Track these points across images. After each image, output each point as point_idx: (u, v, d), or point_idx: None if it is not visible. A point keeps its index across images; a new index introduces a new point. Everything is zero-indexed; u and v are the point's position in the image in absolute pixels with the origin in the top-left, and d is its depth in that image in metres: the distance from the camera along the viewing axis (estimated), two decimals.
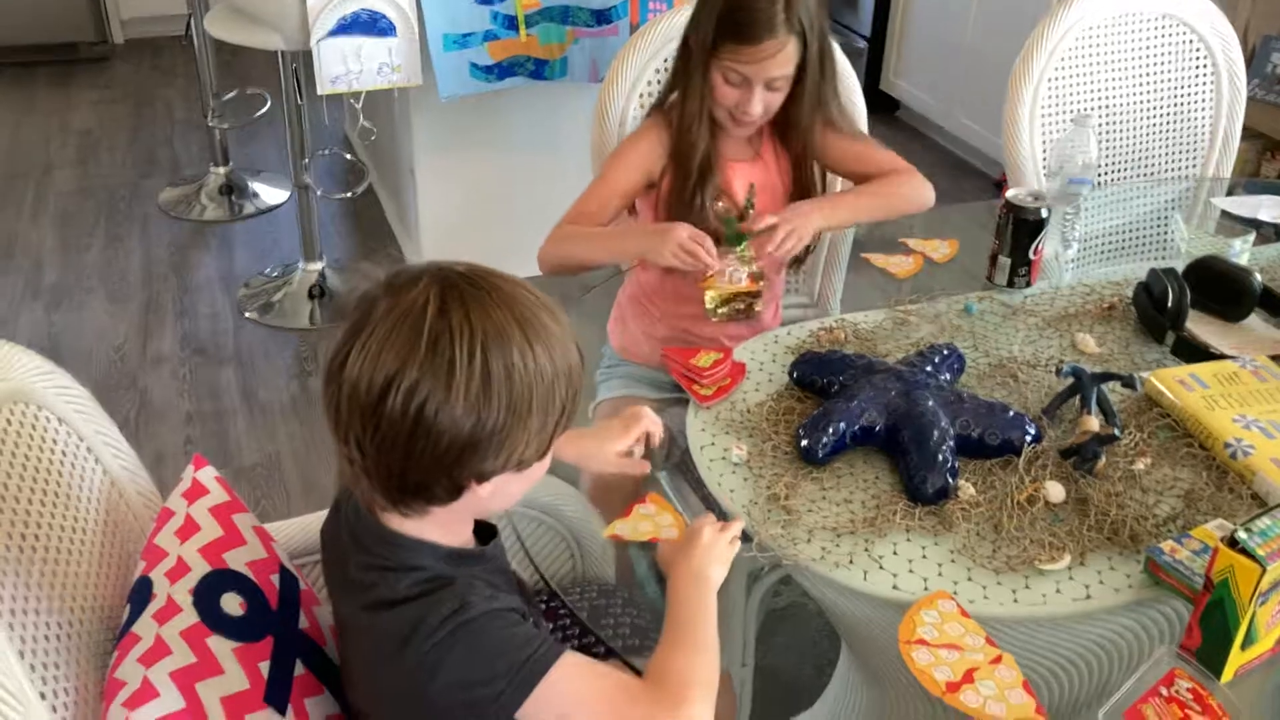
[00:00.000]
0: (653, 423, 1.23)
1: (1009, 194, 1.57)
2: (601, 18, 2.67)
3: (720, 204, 1.61)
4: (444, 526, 0.96)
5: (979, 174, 4.01)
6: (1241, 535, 0.96)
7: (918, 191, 1.67)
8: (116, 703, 0.94)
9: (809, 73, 1.58)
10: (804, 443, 1.25)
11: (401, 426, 0.86)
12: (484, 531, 1.05)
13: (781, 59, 1.52)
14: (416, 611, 0.91)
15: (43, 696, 0.89)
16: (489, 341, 0.86)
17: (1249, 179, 3.45)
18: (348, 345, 0.87)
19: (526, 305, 0.89)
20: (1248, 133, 3.41)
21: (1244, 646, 1.00)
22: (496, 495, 0.95)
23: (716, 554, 1.05)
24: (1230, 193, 2.17)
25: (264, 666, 1.02)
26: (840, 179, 1.83)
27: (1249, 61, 3.38)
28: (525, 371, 0.87)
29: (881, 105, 4.47)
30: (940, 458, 1.21)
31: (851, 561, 1.14)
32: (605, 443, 1.22)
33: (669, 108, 1.65)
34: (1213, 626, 1.00)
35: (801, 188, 1.68)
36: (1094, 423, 1.27)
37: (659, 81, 1.84)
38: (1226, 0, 3.47)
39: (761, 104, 1.56)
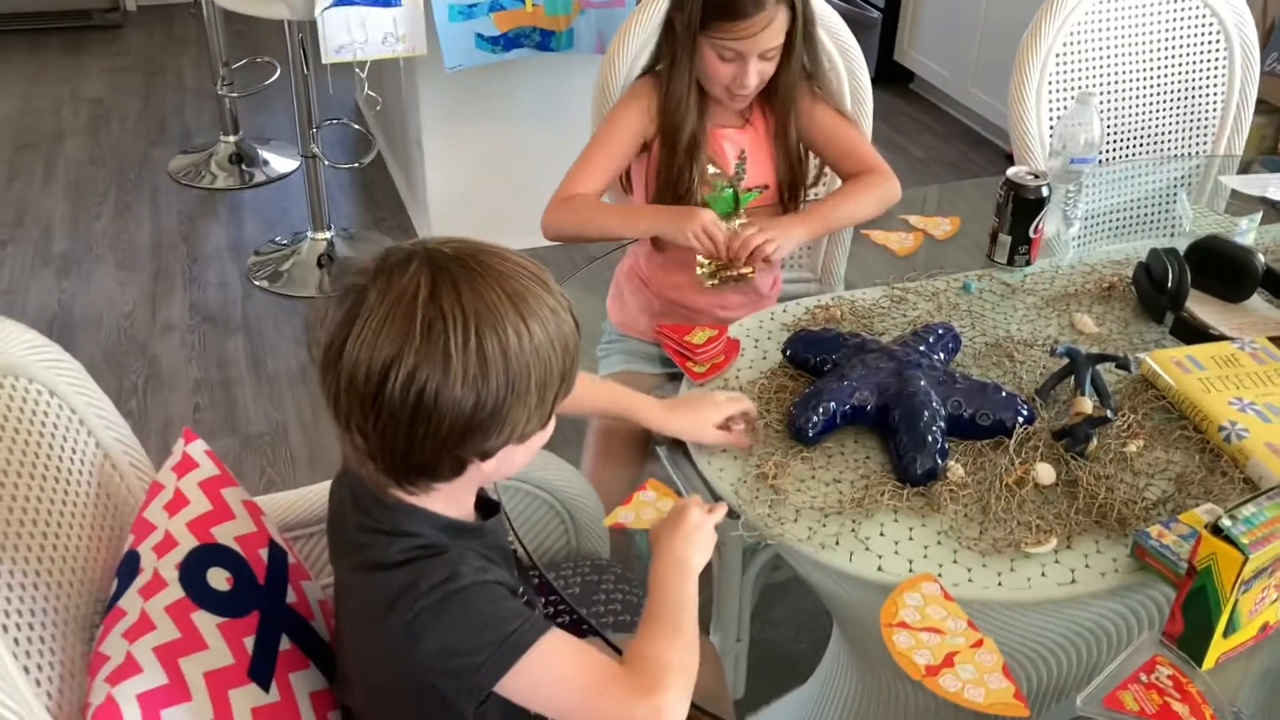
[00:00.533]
0: (749, 405, 1.26)
1: (1009, 172, 1.56)
2: None
3: (711, 170, 1.61)
4: (447, 498, 0.97)
5: (991, 145, 3.97)
6: (1225, 522, 0.95)
7: (887, 192, 1.68)
8: (100, 677, 0.95)
9: (795, 40, 1.58)
10: (794, 422, 1.25)
11: (402, 412, 0.86)
12: (485, 506, 1.06)
13: (773, 30, 1.52)
14: (407, 576, 0.91)
15: (26, 671, 0.90)
16: (482, 322, 0.86)
17: (1267, 155, 3.40)
18: (343, 334, 0.87)
19: (517, 280, 0.89)
20: (1266, 108, 3.37)
21: (1226, 634, 0.99)
22: (501, 467, 0.95)
23: (701, 538, 1.05)
24: (1247, 170, 2.14)
25: (249, 642, 1.03)
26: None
27: (1267, 36, 3.34)
28: (521, 349, 0.87)
29: (895, 77, 4.44)
30: (930, 439, 1.20)
31: (838, 543, 1.14)
32: (702, 413, 1.26)
33: (658, 74, 1.64)
34: (1195, 613, 0.99)
35: (786, 154, 1.67)
36: (1087, 404, 1.27)
37: None
38: None
39: (757, 76, 1.56)
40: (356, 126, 3.67)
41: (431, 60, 2.72)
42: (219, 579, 1.06)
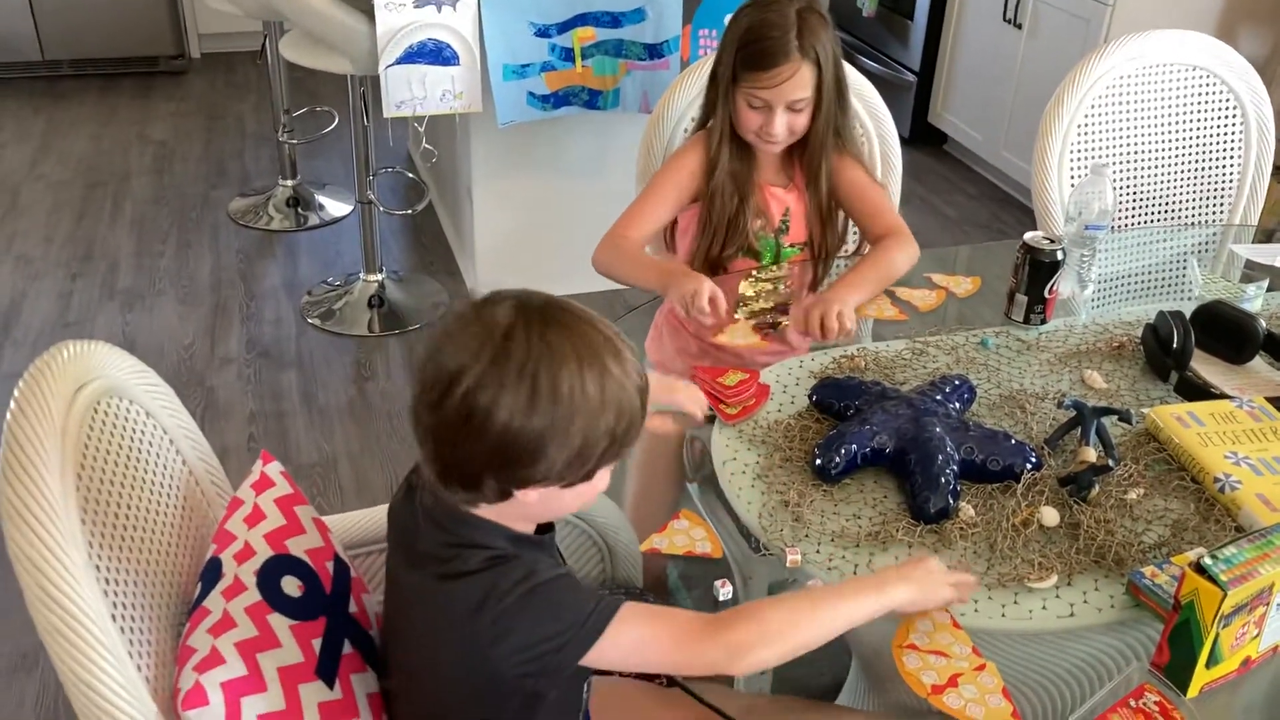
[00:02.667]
0: (692, 399, 1.37)
1: (1026, 236, 1.66)
2: (654, 52, 2.80)
3: (758, 223, 1.74)
4: (507, 517, 1.07)
5: (1021, 206, 4.08)
6: (1207, 561, 1.05)
7: (908, 256, 1.78)
8: (188, 666, 1.06)
9: (825, 95, 1.70)
10: (818, 461, 1.36)
11: (456, 422, 0.98)
12: (539, 526, 1.15)
13: (797, 82, 1.66)
14: (489, 580, 1.02)
15: (130, 655, 1.01)
16: (543, 360, 0.97)
17: None
18: (432, 345, 1.01)
19: (589, 341, 1.00)
20: None
21: (1209, 665, 1.08)
22: (545, 505, 1.05)
23: (928, 580, 1.12)
24: (1270, 237, 2.24)
25: (316, 643, 1.14)
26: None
27: None
28: (571, 394, 0.97)
29: (929, 138, 4.56)
30: (943, 480, 1.30)
31: (855, 571, 1.24)
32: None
33: (710, 128, 1.79)
34: (1180, 645, 1.08)
35: (818, 209, 1.80)
36: (1092, 453, 1.36)
37: None
38: (1269, 46, 3.52)
39: (784, 126, 1.70)
40: (410, 175, 3.84)
41: (484, 115, 2.87)
42: (292, 586, 1.17)
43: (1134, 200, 2.28)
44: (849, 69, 1.92)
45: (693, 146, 1.81)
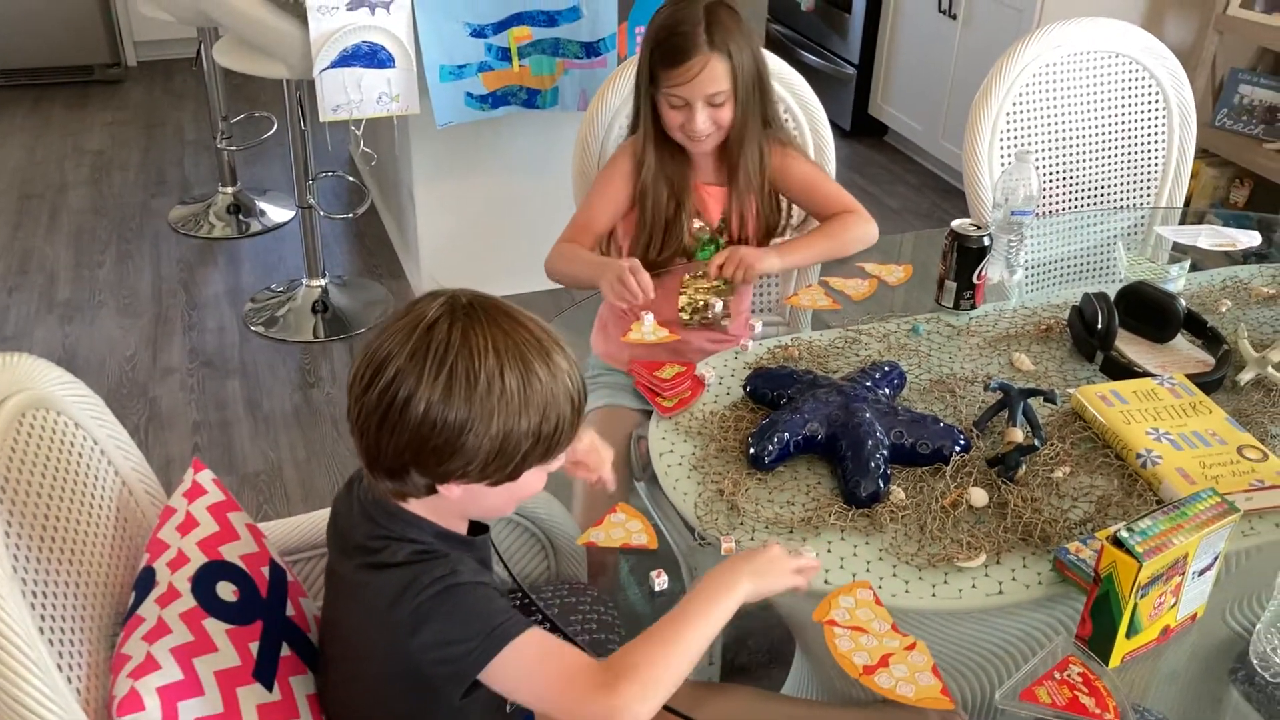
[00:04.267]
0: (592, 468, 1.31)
1: (954, 223, 1.69)
2: (590, 50, 2.81)
3: (697, 224, 1.76)
4: (436, 514, 1.09)
5: (962, 195, 4.12)
6: (1123, 534, 1.08)
7: (865, 232, 1.81)
8: (123, 674, 1.06)
9: (741, 86, 1.71)
10: (751, 450, 1.37)
11: (377, 412, 1.00)
12: (473, 527, 1.17)
13: (709, 75, 1.67)
14: (411, 573, 1.04)
15: (59, 668, 1.01)
16: (459, 357, 0.98)
17: (1218, 205, 3.57)
18: (369, 339, 1.03)
19: (515, 339, 1.01)
20: (1217, 160, 3.55)
21: (1129, 635, 1.11)
22: (471, 501, 1.07)
23: (769, 569, 1.11)
24: (1201, 219, 2.29)
25: (253, 646, 1.14)
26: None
27: (1217, 93, 3.52)
28: (489, 391, 0.99)
29: (870, 130, 4.62)
30: (873, 465, 1.33)
31: None
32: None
33: (636, 141, 1.80)
34: (1101, 617, 1.11)
35: (750, 198, 1.81)
36: (1018, 434, 1.39)
37: None
38: (1195, 33, 3.61)
39: (706, 121, 1.70)
40: (350, 178, 3.82)
41: (423, 117, 2.87)
42: (226, 591, 1.17)
43: (1064, 185, 2.32)
44: (774, 58, 1.95)
45: (623, 153, 1.82)
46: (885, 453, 1.35)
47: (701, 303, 1.70)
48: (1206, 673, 1.21)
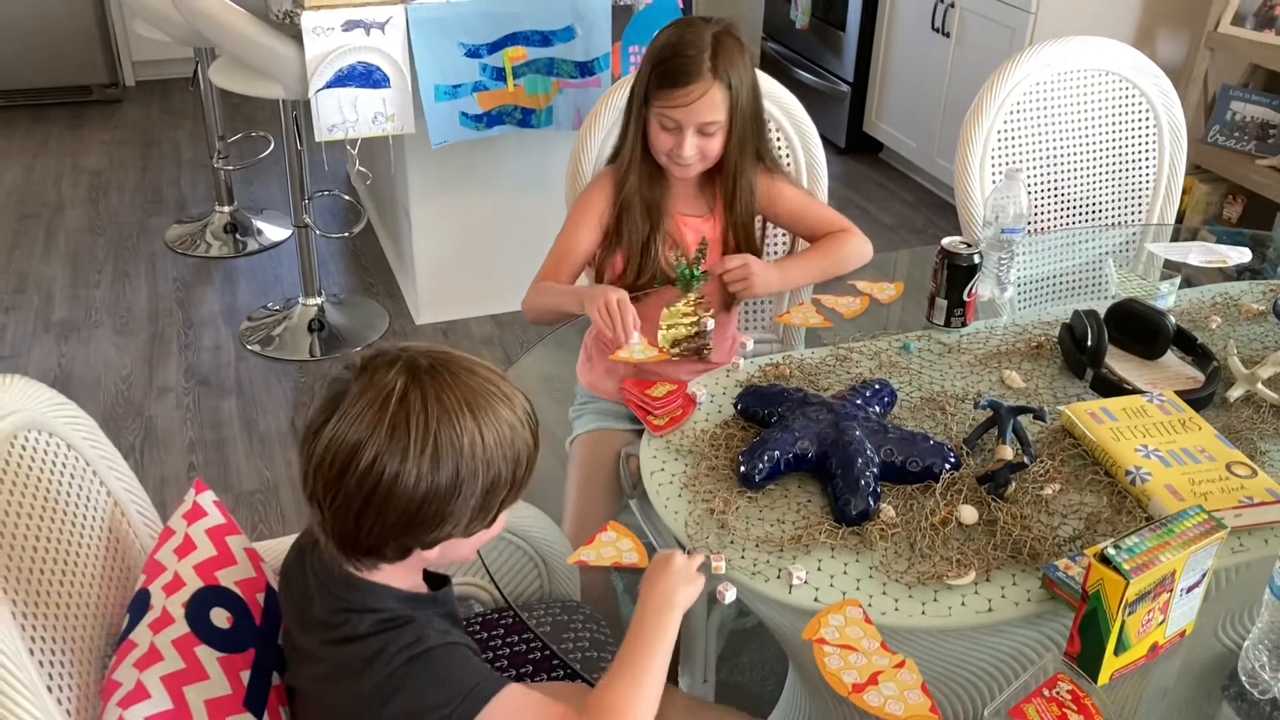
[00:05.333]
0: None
1: (944, 241, 1.70)
2: (585, 69, 2.83)
3: (674, 253, 1.75)
4: (399, 576, 1.08)
5: (956, 212, 4.15)
6: (1110, 551, 1.08)
7: (859, 249, 1.81)
8: (112, 702, 1.06)
9: (737, 120, 1.70)
10: (742, 468, 1.38)
11: (358, 496, 0.98)
12: (432, 579, 1.17)
13: (708, 103, 1.65)
14: (378, 643, 1.02)
15: (50, 690, 1.01)
16: (441, 425, 0.98)
17: (1211, 221, 3.58)
18: (323, 418, 0.99)
19: (479, 391, 1.01)
20: (1209, 177, 3.56)
21: (1117, 652, 1.11)
22: (444, 555, 1.07)
23: (687, 577, 1.15)
24: (1194, 236, 2.31)
25: (245, 675, 1.14)
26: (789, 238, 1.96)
27: (1209, 110, 3.54)
28: (473, 454, 0.99)
29: (864, 147, 4.64)
30: (864, 483, 1.33)
31: (779, 575, 1.26)
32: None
33: (619, 161, 1.79)
34: (1090, 634, 1.12)
35: (741, 236, 1.81)
36: (1008, 451, 1.40)
37: None
38: (1186, 50, 3.63)
39: (695, 148, 1.69)
40: (347, 197, 3.83)
41: (418, 136, 2.89)
42: (220, 618, 1.17)
43: (1056, 203, 2.34)
44: (765, 77, 1.95)
45: (602, 177, 1.80)
46: (875, 470, 1.35)
47: (682, 333, 1.69)
48: (1196, 689, 1.21)
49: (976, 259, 1.69)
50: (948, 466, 1.38)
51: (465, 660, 1.04)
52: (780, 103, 2.07)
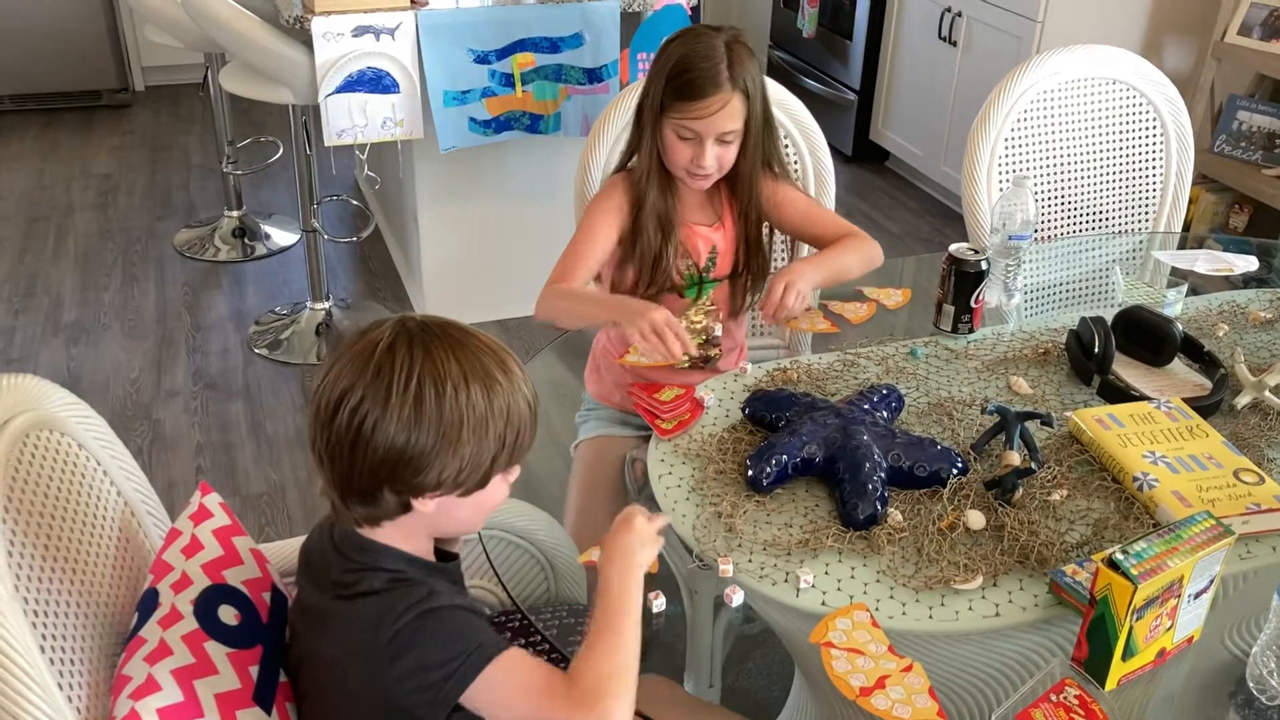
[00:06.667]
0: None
1: (951, 248, 1.71)
2: (593, 76, 2.84)
3: (683, 263, 1.74)
4: (407, 538, 1.11)
5: (962, 220, 4.15)
6: (1119, 556, 1.08)
7: (874, 252, 1.79)
8: (123, 695, 1.06)
9: (753, 128, 1.70)
10: (750, 472, 1.38)
11: (346, 438, 1.03)
12: (442, 556, 1.19)
13: (728, 114, 1.64)
14: (387, 600, 1.05)
15: (60, 687, 1.01)
16: (424, 372, 1.03)
17: (1217, 230, 3.59)
18: (321, 373, 1.06)
19: (471, 350, 1.06)
20: (1216, 186, 3.56)
21: (1125, 658, 1.11)
22: (445, 515, 1.09)
23: (646, 537, 1.17)
24: (1202, 244, 2.31)
25: (254, 670, 1.15)
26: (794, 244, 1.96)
27: (1216, 119, 3.54)
28: (456, 403, 1.03)
29: (871, 155, 4.64)
30: (871, 487, 1.33)
31: (786, 579, 1.26)
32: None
33: (630, 170, 1.78)
34: (1097, 640, 1.12)
35: (752, 244, 1.81)
36: (1015, 457, 1.40)
37: None
38: (1193, 60, 3.63)
39: (714, 158, 1.67)
40: (355, 202, 3.85)
41: (427, 141, 2.90)
42: (228, 615, 1.18)
43: (1063, 211, 2.34)
44: (774, 84, 1.95)
45: (615, 185, 1.78)
46: (883, 475, 1.35)
47: (692, 343, 1.68)
48: (1203, 696, 1.21)
49: (984, 265, 1.69)
50: (955, 472, 1.39)
51: (471, 621, 1.06)
52: (789, 110, 2.07)
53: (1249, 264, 2.03)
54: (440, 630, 1.03)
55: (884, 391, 1.51)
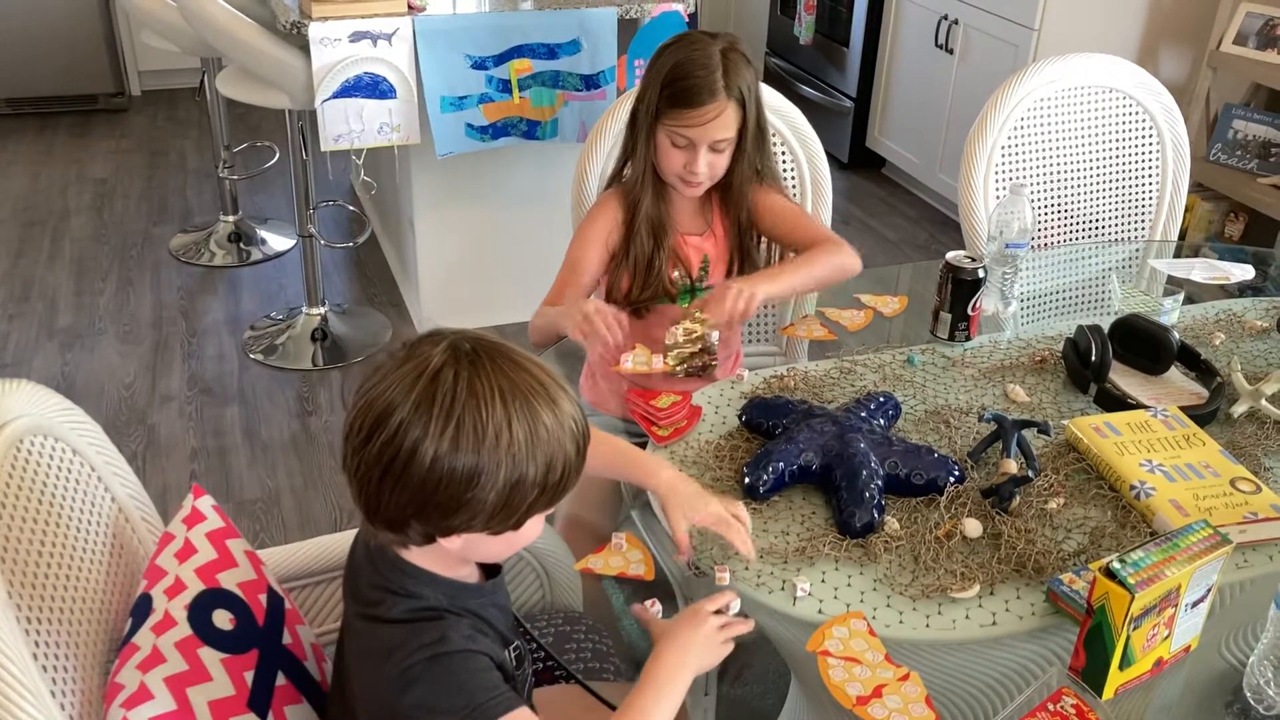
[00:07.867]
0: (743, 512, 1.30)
1: (948, 255, 1.71)
2: (590, 82, 2.84)
3: (675, 272, 1.74)
4: (438, 561, 1.06)
5: (958, 227, 4.15)
6: (1116, 566, 1.08)
7: (847, 261, 1.75)
8: (115, 703, 1.06)
9: (747, 137, 1.70)
10: (747, 479, 1.38)
11: (378, 464, 0.97)
12: (487, 568, 1.15)
13: (722, 121, 1.64)
14: (402, 634, 1.02)
15: (53, 695, 1.01)
16: (469, 403, 0.96)
17: (1212, 239, 3.59)
18: (366, 384, 1.00)
19: (521, 385, 0.98)
20: (1212, 195, 3.57)
21: (1122, 667, 1.11)
22: (470, 550, 1.04)
23: (711, 647, 1.13)
24: (1197, 252, 2.31)
25: (249, 676, 1.14)
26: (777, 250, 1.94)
27: (1211, 127, 3.55)
28: (498, 440, 0.95)
29: (868, 162, 4.65)
30: (868, 495, 1.33)
31: (783, 587, 1.26)
32: (705, 494, 1.30)
33: (623, 184, 1.77)
34: (1094, 649, 1.11)
35: (744, 253, 1.80)
36: (1012, 465, 1.40)
37: None
38: (1189, 69, 3.64)
39: (707, 165, 1.67)
40: (351, 207, 3.84)
41: (424, 147, 2.89)
42: (223, 619, 1.17)
43: (1060, 219, 2.34)
44: (771, 91, 1.95)
45: (605, 203, 1.78)
46: (880, 483, 1.35)
47: (687, 352, 1.68)
48: (1200, 705, 1.21)
49: (981, 273, 1.69)
50: (952, 480, 1.38)
51: (483, 671, 1.02)
52: (786, 117, 2.07)
53: (1245, 272, 2.03)
54: (448, 679, 1.00)
55: (881, 399, 1.51)
